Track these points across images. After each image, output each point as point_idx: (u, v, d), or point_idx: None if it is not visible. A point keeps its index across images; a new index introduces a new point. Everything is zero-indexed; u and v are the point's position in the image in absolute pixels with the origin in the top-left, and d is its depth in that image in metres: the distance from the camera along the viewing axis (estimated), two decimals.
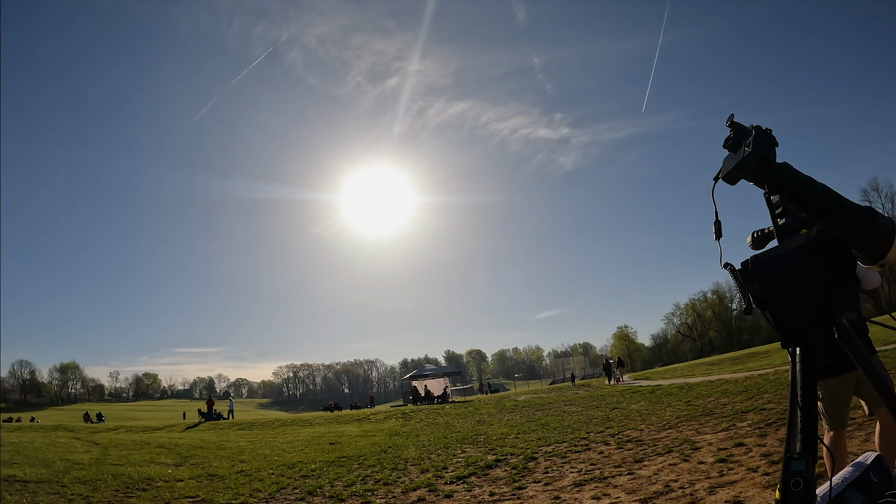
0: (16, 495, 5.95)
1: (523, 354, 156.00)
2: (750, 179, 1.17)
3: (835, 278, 1.01)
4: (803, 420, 0.97)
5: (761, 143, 1.12)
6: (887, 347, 10.01)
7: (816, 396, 0.99)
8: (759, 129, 1.13)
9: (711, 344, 76.49)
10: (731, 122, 1.20)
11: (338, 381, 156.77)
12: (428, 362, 76.33)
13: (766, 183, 1.15)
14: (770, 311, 1.06)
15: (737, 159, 1.15)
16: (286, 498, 6.11)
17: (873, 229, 1.12)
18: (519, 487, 5.58)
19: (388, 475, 6.93)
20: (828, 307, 1.02)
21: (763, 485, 4.22)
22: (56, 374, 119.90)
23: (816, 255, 1.01)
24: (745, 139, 1.15)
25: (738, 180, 1.18)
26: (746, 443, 5.89)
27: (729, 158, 1.19)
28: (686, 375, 20.33)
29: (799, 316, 1.03)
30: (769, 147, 1.12)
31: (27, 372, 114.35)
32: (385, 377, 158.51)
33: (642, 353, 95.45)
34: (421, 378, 36.57)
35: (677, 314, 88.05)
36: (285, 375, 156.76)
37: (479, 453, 8.11)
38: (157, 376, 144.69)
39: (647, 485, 4.90)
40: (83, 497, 6.07)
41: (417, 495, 5.69)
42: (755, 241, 1.18)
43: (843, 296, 1.03)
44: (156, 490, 6.50)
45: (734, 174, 1.17)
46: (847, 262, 1.02)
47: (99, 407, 71.87)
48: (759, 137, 1.12)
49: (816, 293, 1.01)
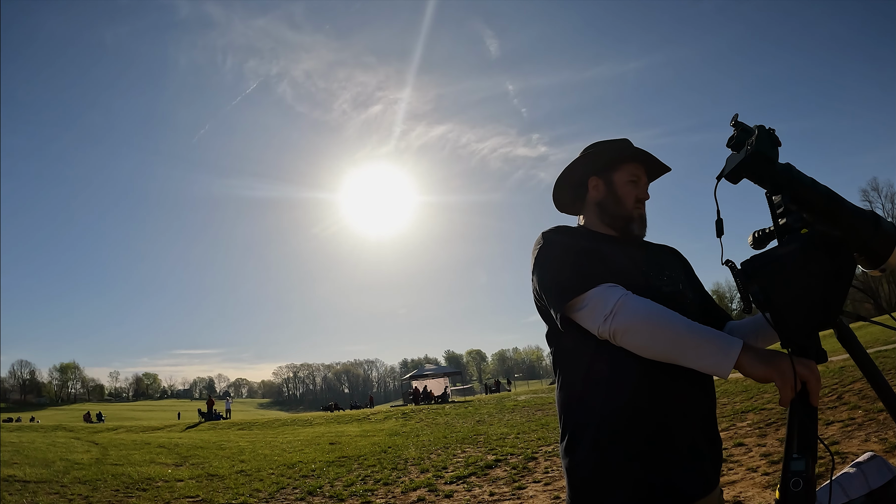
0: (16, 495, 5.95)
1: (523, 354, 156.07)
2: (752, 178, 1.16)
3: (835, 279, 1.00)
4: (803, 420, 0.97)
5: (764, 143, 1.11)
6: (887, 347, 10.01)
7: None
8: (762, 129, 1.13)
9: None
10: (735, 122, 1.18)
11: (338, 381, 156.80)
12: (428, 362, 76.30)
13: (768, 182, 1.14)
14: (770, 312, 1.05)
15: (739, 158, 1.14)
16: (286, 498, 6.11)
17: (875, 233, 1.10)
18: (519, 487, 5.58)
19: (388, 475, 6.93)
20: (828, 308, 1.01)
21: (763, 485, 4.22)
22: (56, 374, 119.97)
23: (817, 256, 1.00)
24: (748, 138, 1.14)
25: (740, 179, 1.17)
26: (746, 443, 5.89)
27: (732, 157, 1.18)
28: None
29: (799, 317, 1.02)
30: (771, 146, 1.12)
31: (27, 372, 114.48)
32: (385, 377, 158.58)
33: None
34: (421, 378, 36.59)
35: None
36: (285, 375, 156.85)
37: (479, 453, 8.11)
38: (157, 376, 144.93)
39: None
40: (83, 497, 6.07)
41: (417, 495, 5.69)
42: (756, 241, 1.17)
43: (843, 296, 1.02)
44: (156, 490, 6.50)
45: (736, 173, 1.16)
46: (848, 263, 1.01)
47: (99, 407, 71.87)
48: (762, 136, 1.11)
49: (816, 294, 1.00)
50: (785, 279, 1.03)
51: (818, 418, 1.00)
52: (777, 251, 1.08)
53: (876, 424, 5.20)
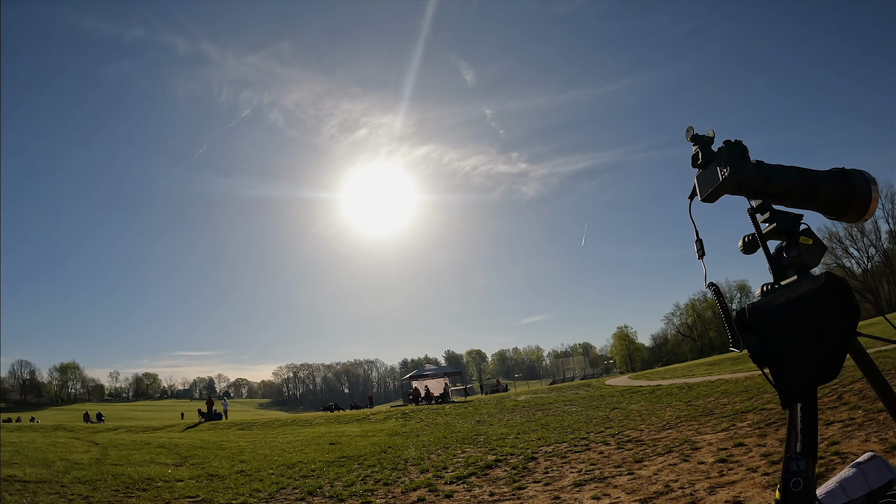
0: (16, 495, 5.95)
1: (523, 354, 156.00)
2: (730, 193, 1.13)
3: (845, 331, 0.92)
4: (803, 420, 0.97)
5: (737, 162, 1.07)
6: (887, 347, 10.00)
7: (816, 398, 0.98)
8: (729, 145, 1.09)
9: (711, 344, 76.44)
10: (693, 136, 1.13)
11: (338, 381, 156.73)
12: (428, 362, 76.28)
13: (746, 191, 1.12)
14: (769, 368, 0.99)
15: (714, 181, 1.10)
16: (286, 498, 6.11)
17: (851, 191, 1.10)
18: (519, 487, 5.58)
19: (388, 475, 6.93)
20: (834, 360, 0.93)
21: (763, 485, 4.22)
22: (56, 374, 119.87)
23: (822, 306, 0.94)
24: (718, 159, 1.10)
25: (717, 199, 1.14)
26: (746, 443, 5.89)
27: (703, 177, 1.13)
28: (686, 375, 20.30)
29: (802, 374, 0.95)
30: (744, 160, 1.08)
31: (27, 372, 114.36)
32: (385, 377, 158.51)
33: (642, 353, 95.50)
34: (421, 378, 36.58)
35: (677, 314, 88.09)
36: (285, 375, 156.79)
37: (479, 453, 8.10)
38: (157, 376, 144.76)
39: (647, 485, 4.90)
40: (83, 497, 6.07)
41: (417, 495, 5.69)
42: (746, 246, 1.14)
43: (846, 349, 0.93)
44: (156, 490, 6.50)
45: (714, 195, 1.13)
46: (854, 311, 0.94)
47: (99, 407, 71.85)
48: (734, 155, 1.08)
49: (822, 348, 0.93)
50: (786, 333, 0.97)
51: (818, 418, 0.98)
52: (777, 299, 1.02)
53: (876, 424, 5.20)
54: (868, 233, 55.72)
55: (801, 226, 1.08)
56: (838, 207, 1.13)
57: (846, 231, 55.90)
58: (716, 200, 1.15)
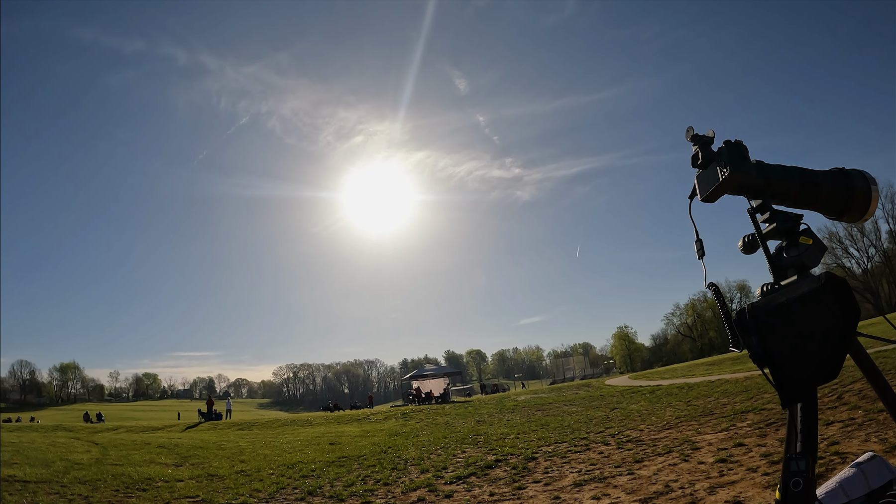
0: (16, 495, 5.95)
1: (523, 354, 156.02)
2: (731, 193, 1.13)
3: (845, 331, 0.92)
4: (803, 420, 0.96)
5: (737, 162, 1.07)
6: (887, 347, 10.00)
7: (816, 398, 0.98)
8: (729, 146, 1.09)
9: (711, 344, 76.47)
10: (693, 136, 1.14)
11: (338, 381, 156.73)
12: (428, 362, 76.27)
13: (746, 191, 1.12)
14: (769, 368, 0.99)
15: (714, 181, 1.10)
16: (286, 498, 6.11)
17: (851, 191, 1.10)
18: (519, 487, 5.58)
19: (388, 475, 6.93)
20: (835, 359, 0.93)
21: (763, 485, 4.22)
22: (56, 374, 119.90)
23: (822, 306, 0.94)
24: (718, 159, 1.10)
25: (717, 199, 1.15)
26: (746, 443, 5.89)
27: (703, 177, 1.13)
28: (686, 375, 20.31)
29: (802, 374, 0.95)
30: (744, 161, 1.08)
31: (27, 372, 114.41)
32: (385, 377, 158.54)
33: (642, 353, 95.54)
34: (421, 378, 36.57)
35: (677, 314, 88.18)
36: (285, 375, 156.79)
37: (479, 453, 8.10)
38: (157, 376, 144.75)
39: (647, 485, 4.90)
40: (83, 497, 6.07)
41: (417, 495, 5.69)
42: (746, 246, 1.14)
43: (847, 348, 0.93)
44: (156, 490, 6.50)
45: (714, 195, 1.13)
46: (854, 311, 0.94)
47: (99, 407, 71.87)
48: (734, 155, 1.08)
49: (823, 348, 0.93)
50: (786, 333, 0.96)
51: (818, 418, 0.97)
52: (777, 299, 1.01)
53: (876, 424, 5.20)
54: (868, 233, 55.77)
55: (801, 226, 1.08)
56: (838, 207, 1.13)
57: (846, 231, 55.97)
58: (716, 200, 1.15)
